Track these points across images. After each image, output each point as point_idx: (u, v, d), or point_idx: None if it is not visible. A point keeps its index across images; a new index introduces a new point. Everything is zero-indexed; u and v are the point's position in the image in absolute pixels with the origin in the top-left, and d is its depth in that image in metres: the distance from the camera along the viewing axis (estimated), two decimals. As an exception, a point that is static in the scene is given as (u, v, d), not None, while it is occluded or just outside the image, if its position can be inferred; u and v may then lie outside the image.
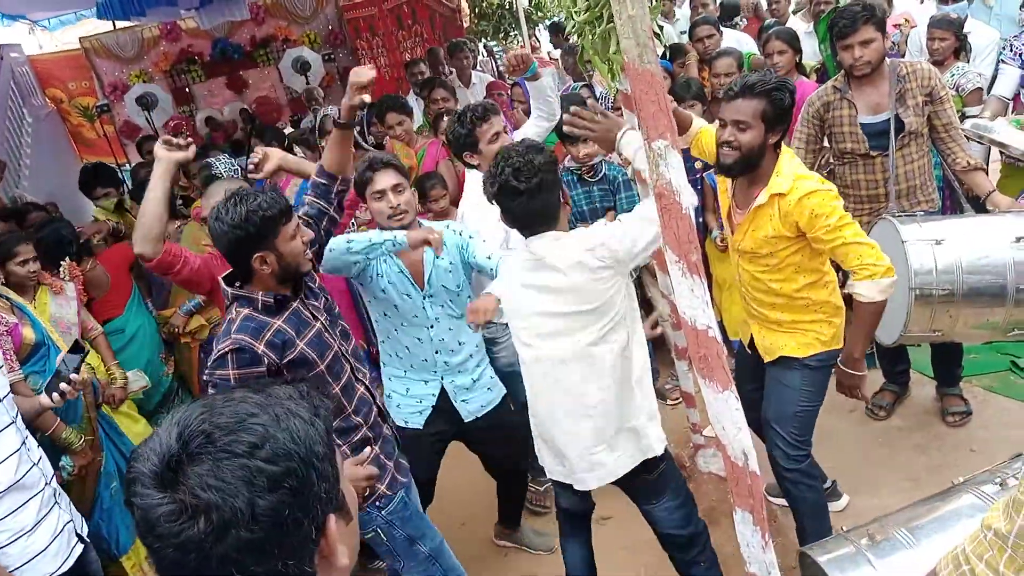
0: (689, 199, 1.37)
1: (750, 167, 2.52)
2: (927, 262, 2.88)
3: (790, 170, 2.48)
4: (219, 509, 0.78)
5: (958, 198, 3.66)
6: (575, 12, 1.69)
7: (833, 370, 2.71)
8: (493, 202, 2.31)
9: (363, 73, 2.62)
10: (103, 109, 8.79)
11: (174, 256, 2.89)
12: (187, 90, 9.64)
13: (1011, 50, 4.17)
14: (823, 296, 2.65)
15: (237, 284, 2.33)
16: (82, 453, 3.24)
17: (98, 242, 4.52)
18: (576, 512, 2.75)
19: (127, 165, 8.49)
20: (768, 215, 2.51)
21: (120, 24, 8.69)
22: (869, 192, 3.50)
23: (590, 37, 1.75)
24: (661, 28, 1.98)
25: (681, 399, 3.93)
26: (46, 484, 2.56)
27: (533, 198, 2.22)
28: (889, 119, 3.31)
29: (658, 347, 4.45)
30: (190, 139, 2.79)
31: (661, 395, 4.29)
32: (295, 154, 5.01)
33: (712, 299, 2.70)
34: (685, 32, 6.20)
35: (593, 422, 2.36)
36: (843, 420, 3.87)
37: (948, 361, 3.68)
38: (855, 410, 3.92)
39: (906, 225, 3.01)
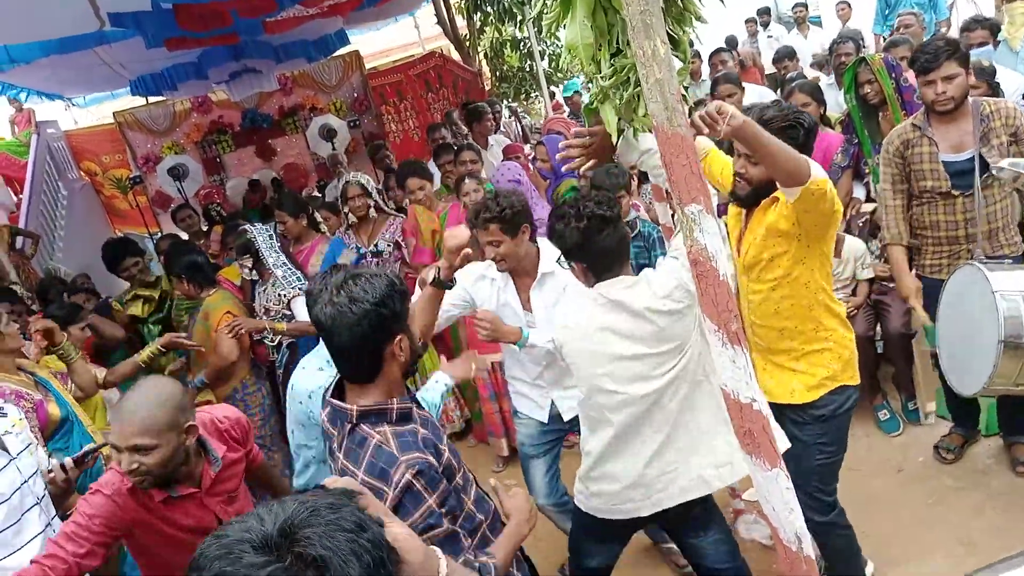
0: (726, 266, 1.32)
1: (761, 198, 2.50)
2: (1018, 313, 2.71)
3: None
4: (331, 566, 0.82)
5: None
6: (599, 76, 1.66)
7: None
8: (576, 240, 2.34)
9: (458, 235, 2.45)
10: (136, 181, 9.01)
11: None
12: (217, 160, 9.88)
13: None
14: (832, 323, 2.57)
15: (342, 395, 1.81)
16: None
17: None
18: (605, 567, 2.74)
19: (159, 234, 8.63)
20: (768, 208, 2.48)
21: (153, 98, 8.96)
22: (948, 234, 3.37)
23: (617, 102, 1.71)
24: (687, 88, 1.94)
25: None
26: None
27: (617, 229, 2.31)
28: (973, 157, 3.19)
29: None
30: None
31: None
32: (317, 219, 5.06)
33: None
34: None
35: (682, 444, 2.42)
36: (890, 481, 3.68)
37: (1020, 409, 3.48)
38: (903, 470, 3.74)
39: (995, 273, 2.82)
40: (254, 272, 4.36)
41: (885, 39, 6.03)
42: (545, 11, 1.52)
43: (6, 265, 5.77)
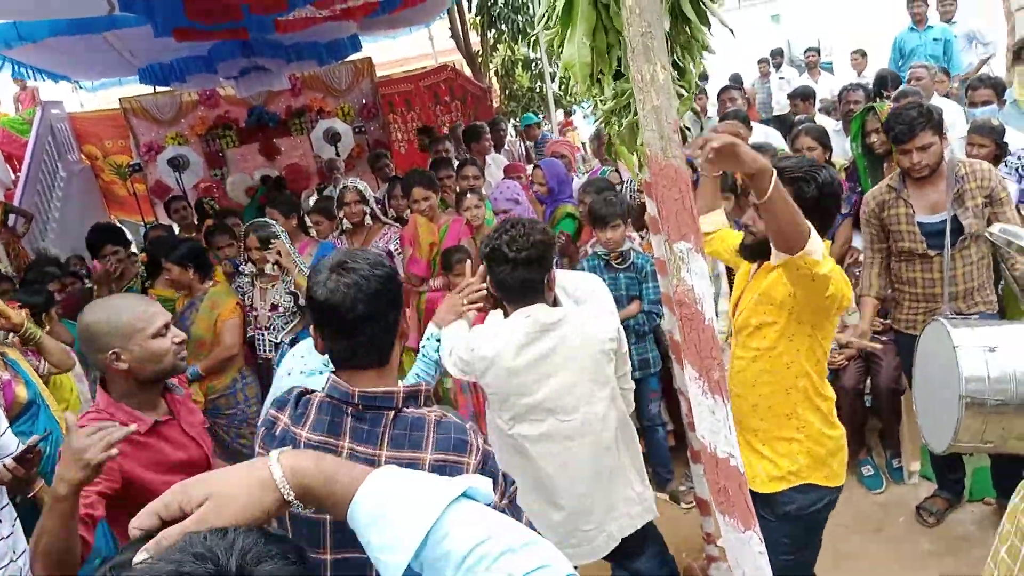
0: (712, 309, 1.24)
1: (769, 253, 2.33)
2: (979, 369, 2.67)
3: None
4: None
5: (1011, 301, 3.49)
6: (601, 100, 1.59)
7: None
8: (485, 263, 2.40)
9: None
10: (135, 168, 8.96)
11: None
12: (220, 154, 9.83)
13: (1006, 165, 4.02)
14: (810, 416, 2.41)
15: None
16: None
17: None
18: None
19: (154, 223, 8.55)
20: (769, 271, 2.34)
21: (160, 88, 8.93)
22: (926, 291, 3.38)
23: (616, 128, 1.64)
24: (688, 129, 1.86)
25: (695, 504, 3.69)
26: (12, 560, 2.40)
27: (517, 269, 2.29)
28: (947, 219, 3.20)
29: (675, 447, 4.25)
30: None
31: (675, 498, 4.05)
32: (308, 223, 5.00)
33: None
34: None
35: (607, 488, 2.44)
36: (868, 539, 3.60)
37: (1012, 473, 3.40)
38: (882, 530, 3.65)
39: (958, 328, 2.81)
40: (275, 267, 4.31)
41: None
42: (548, 28, 1.46)
43: (-6, 242, 5.68)
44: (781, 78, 10.83)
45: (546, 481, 2.47)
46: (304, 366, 2.56)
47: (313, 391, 1.65)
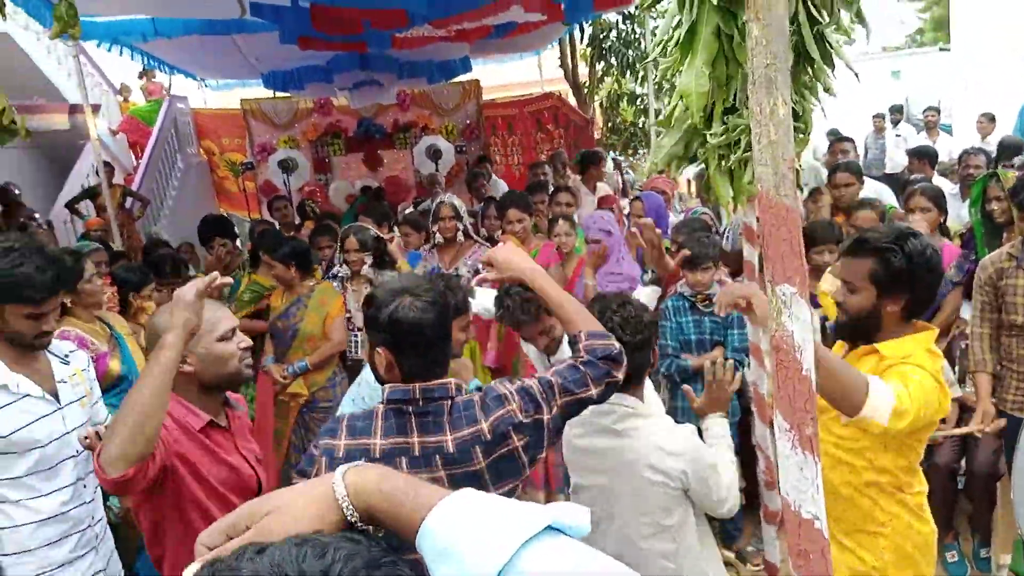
0: (810, 359, 1.16)
1: (862, 333, 2.20)
2: None
3: (912, 346, 2.11)
4: None
5: None
6: (710, 135, 1.54)
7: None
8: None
9: None
10: (248, 167, 9.39)
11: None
12: (327, 160, 10.20)
13: None
14: (894, 508, 2.21)
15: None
16: None
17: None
18: None
19: (259, 219, 8.92)
20: (864, 357, 2.17)
21: (279, 93, 9.36)
22: None
23: (722, 163, 1.59)
24: (802, 170, 1.80)
25: (763, 567, 3.51)
26: (89, 526, 2.48)
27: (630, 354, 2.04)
28: None
29: (747, 504, 4.07)
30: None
31: (741, 558, 3.88)
32: (400, 235, 5.12)
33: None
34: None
35: None
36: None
37: None
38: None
39: None
40: (371, 269, 4.51)
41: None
42: (663, 55, 1.43)
43: (112, 222, 6.03)
44: (898, 135, 10.47)
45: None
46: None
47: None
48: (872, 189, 5.53)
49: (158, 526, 2.03)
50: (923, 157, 6.60)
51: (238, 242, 5.76)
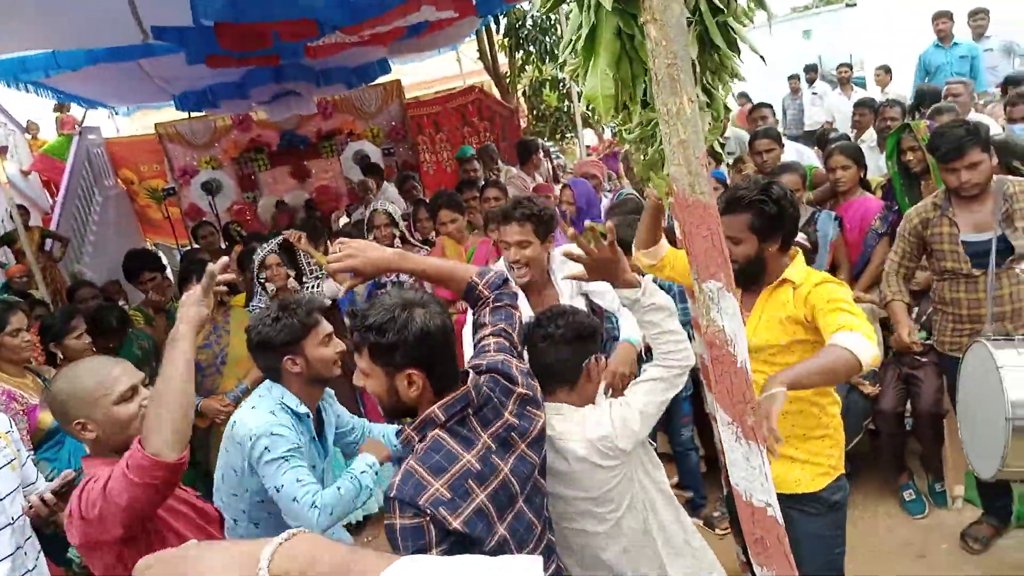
0: (744, 351, 1.17)
1: (753, 277, 2.45)
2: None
3: (801, 267, 2.44)
4: None
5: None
6: (625, 130, 1.55)
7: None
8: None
9: None
10: (169, 192, 9.10)
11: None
12: (252, 177, 9.96)
13: None
14: (834, 409, 2.51)
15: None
16: None
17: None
18: None
19: (188, 246, 8.68)
20: (782, 300, 2.41)
21: (195, 113, 9.09)
22: (970, 312, 3.27)
23: (641, 157, 1.60)
24: (722, 146, 1.81)
25: (730, 530, 3.59)
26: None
27: (553, 347, 2.07)
28: (993, 239, 3.11)
29: (707, 471, 4.15)
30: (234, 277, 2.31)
31: (709, 524, 3.95)
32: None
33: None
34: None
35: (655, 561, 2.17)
36: (910, 566, 3.46)
37: None
38: (925, 556, 3.52)
39: (1003, 350, 2.74)
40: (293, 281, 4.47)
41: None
42: (569, 59, 1.42)
43: (33, 267, 5.79)
44: (814, 93, 10.73)
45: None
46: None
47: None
48: (794, 150, 5.67)
49: None
50: (870, 107, 6.74)
51: (168, 272, 5.59)
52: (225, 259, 2.07)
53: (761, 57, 1.48)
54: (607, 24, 1.24)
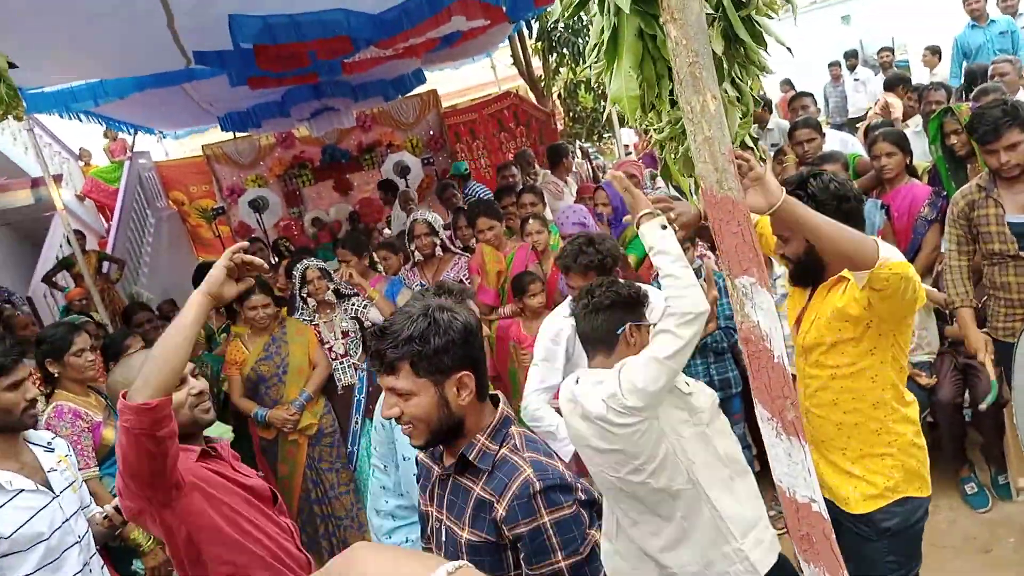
0: (781, 346, 1.16)
1: (813, 274, 2.30)
2: None
3: None
4: None
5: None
6: (656, 129, 1.55)
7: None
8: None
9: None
10: (219, 212, 9.36)
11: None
12: (297, 193, 10.18)
13: None
14: (901, 427, 2.29)
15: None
16: (152, 554, 3.15)
17: None
18: None
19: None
20: (836, 290, 2.23)
21: (240, 133, 9.33)
22: (1021, 296, 3.19)
23: (671, 156, 1.60)
24: (756, 140, 1.78)
25: (787, 531, 3.53)
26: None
27: (602, 319, 2.20)
28: None
29: (761, 470, 4.09)
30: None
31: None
32: (377, 260, 5.11)
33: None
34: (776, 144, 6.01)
35: (694, 545, 2.19)
36: (975, 562, 3.37)
37: None
38: (990, 551, 3.41)
39: None
40: (334, 294, 4.62)
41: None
42: (594, 62, 1.43)
43: (92, 290, 6.00)
44: (856, 79, 10.50)
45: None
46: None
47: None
48: (837, 139, 5.56)
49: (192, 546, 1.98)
50: (896, 84, 6.59)
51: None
52: (244, 243, 2.09)
53: (788, 49, 1.47)
54: (628, 26, 1.25)
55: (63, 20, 4.15)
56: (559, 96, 11.43)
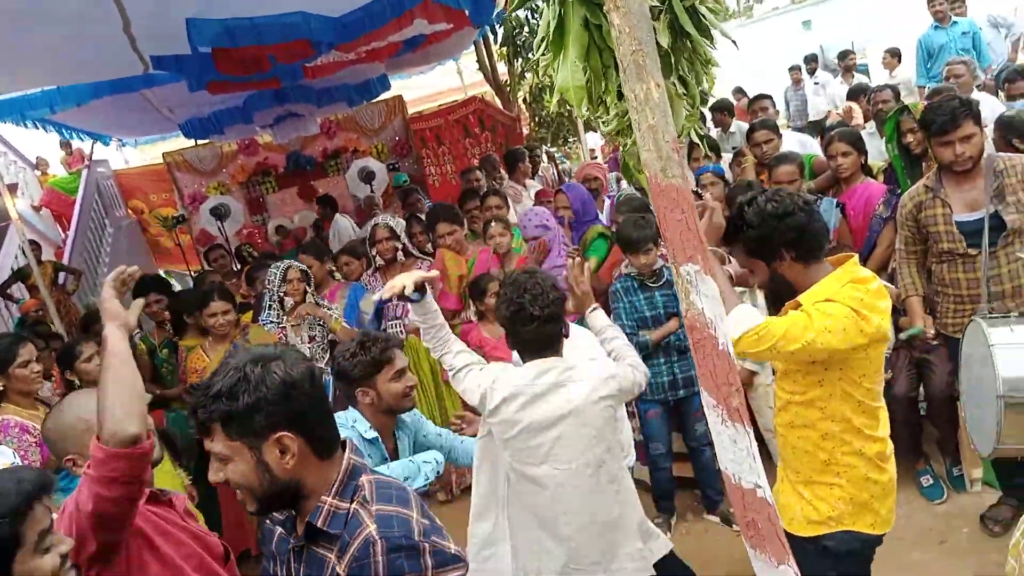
0: (724, 333, 1.17)
1: (785, 297, 2.27)
2: (1016, 368, 2.60)
3: (831, 286, 2.16)
4: None
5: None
6: (603, 122, 1.56)
7: None
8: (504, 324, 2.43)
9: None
10: (179, 220, 9.20)
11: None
12: (261, 200, 10.06)
13: None
14: (851, 460, 2.25)
15: None
16: None
17: None
18: None
19: (200, 272, 8.76)
20: (785, 314, 2.23)
21: (201, 140, 9.20)
22: (970, 292, 3.25)
23: (622, 149, 1.61)
24: (702, 138, 1.80)
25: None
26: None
27: (542, 325, 2.31)
28: (985, 217, 3.08)
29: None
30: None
31: (726, 520, 3.90)
32: (341, 267, 5.07)
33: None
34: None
35: (604, 536, 2.43)
36: (931, 553, 3.43)
37: None
38: (945, 541, 3.48)
39: (996, 328, 2.74)
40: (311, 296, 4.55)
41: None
42: (545, 53, 1.43)
43: (47, 301, 5.86)
44: (816, 83, 10.70)
45: (541, 513, 2.46)
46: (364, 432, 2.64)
47: None
48: (795, 141, 5.65)
49: None
50: (859, 94, 6.73)
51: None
52: (121, 268, 2.03)
53: (733, 42, 1.49)
54: (574, 16, 1.26)
55: (13, 25, 4.06)
56: (525, 101, 11.47)
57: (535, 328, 2.32)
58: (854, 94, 7.21)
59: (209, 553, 1.99)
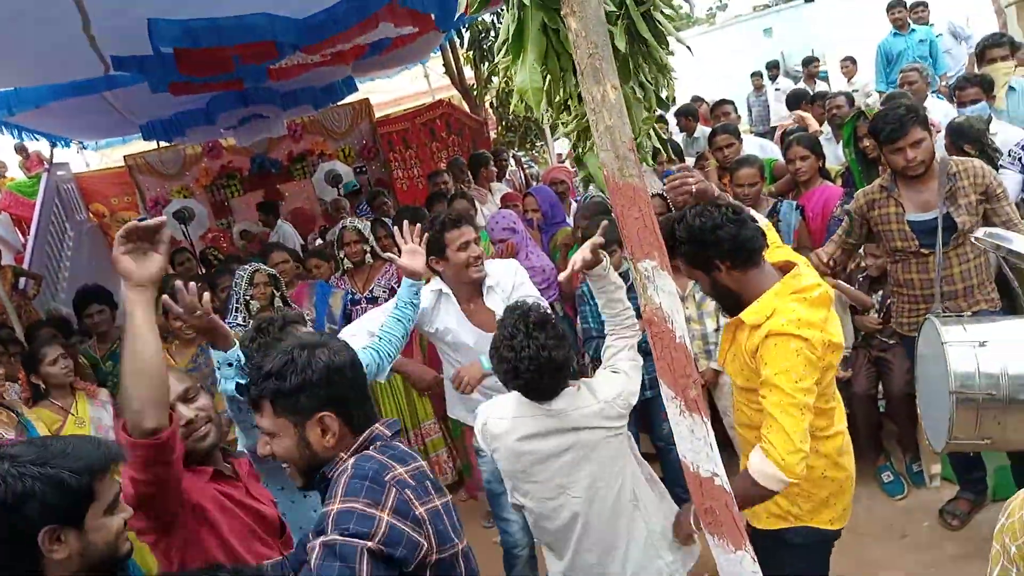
0: (683, 327, 1.21)
1: (732, 305, 2.28)
2: (968, 365, 2.67)
3: (771, 301, 2.16)
4: None
5: (1017, 298, 3.42)
6: (562, 123, 1.60)
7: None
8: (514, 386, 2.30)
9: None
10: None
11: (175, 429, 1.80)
12: (225, 203, 9.94)
13: (1009, 155, 4.02)
14: (811, 461, 2.25)
15: None
16: None
17: None
18: None
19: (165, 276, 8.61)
20: (737, 328, 2.27)
21: (163, 143, 9.06)
22: (924, 291, 3.33)
23: (581, 150, 1.64)
24: (664, 143, 1.84)
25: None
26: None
27: (563, 368, 2.23)
28: (938, 217, 3.17)
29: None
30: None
31: (696, 520, 3.95)
32: (309, 268, 5.04)
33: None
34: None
35: (629, 554, 2.38)
36: (892, 547, 3.52)
37: None
38: (906, 536, 3.57)
39: (948, 326, 2.82)
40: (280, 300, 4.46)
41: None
42: (502, 56, 1.46)
43: (7, 306, 5.73)
44: (777, 89, 10.91)
45: (562, 535, 2.42)
46: None
47: None
48: (756, 145, 5.76)
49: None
50: (798, 103, 6.89)
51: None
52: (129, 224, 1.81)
53: (688, 48, 1.53)
54: (532, 20, 1.29)
55: (-33, 25, 3.98)
56: (492, 105, 11.50)
57: (532, 383, 2.24)
58: (792, 105, 7.31)
59: (264, 526, 2.02)
